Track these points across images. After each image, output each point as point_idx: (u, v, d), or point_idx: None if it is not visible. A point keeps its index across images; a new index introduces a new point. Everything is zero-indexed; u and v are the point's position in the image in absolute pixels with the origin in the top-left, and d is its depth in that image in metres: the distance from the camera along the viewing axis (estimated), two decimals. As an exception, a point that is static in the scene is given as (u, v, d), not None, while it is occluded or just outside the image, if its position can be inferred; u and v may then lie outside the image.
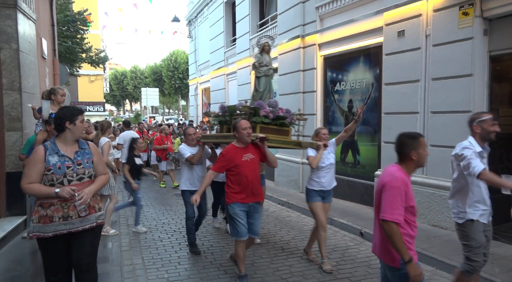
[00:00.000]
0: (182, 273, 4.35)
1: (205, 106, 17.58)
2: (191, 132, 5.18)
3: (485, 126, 3.20)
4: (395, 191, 2.33)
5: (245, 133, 3.88)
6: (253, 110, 4.58)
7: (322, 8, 8.12)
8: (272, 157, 4.11)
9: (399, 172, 2.41)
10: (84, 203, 2.76)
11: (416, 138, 2.46)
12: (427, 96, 5.84)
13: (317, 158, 4.36)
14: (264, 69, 5.02)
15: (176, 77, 37.44)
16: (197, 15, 17.65)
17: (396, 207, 2.31)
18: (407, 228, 2.37)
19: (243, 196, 3.90)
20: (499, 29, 5.13)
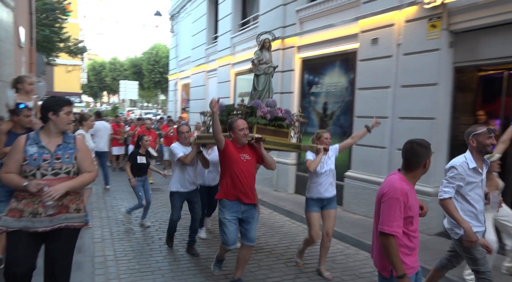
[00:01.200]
0: (153, 265, 4.47)
1: (184, 102, 17.57)
2: (184, 130, 4.90)
3: (480, 139, 3.11)
4: (394, 203, 2.29)
5: (241, 134, 3.71)
6: (250, 109, 4.32)
7: (302, 12, 8.34)
8: (270, 159, 3.91)
9: (399, 182, 2.36)
10: (51, 199, 2.51)
11: (428, 147, 2.40)
12: (396, 102, 6.15)
13: (316, 162, 4.10)
14: (264, 66, 4.75)
15: (157, 71, 36.99)
16: (180, 10, 17.59)
17: (394, 219, 2.28)
18: (404, 239, 2.34)
19: (234, 193, 3.69)
20: (463, 42, 5.47)
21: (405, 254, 2.34)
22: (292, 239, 5.64)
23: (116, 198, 7.85)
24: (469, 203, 3.13)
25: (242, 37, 11.12)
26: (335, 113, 7.72)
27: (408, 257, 2.35)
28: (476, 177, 3.12)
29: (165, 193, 8.37)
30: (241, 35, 11.19)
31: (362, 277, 4.33)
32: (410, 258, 2.37)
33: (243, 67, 11.12)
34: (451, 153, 5.59)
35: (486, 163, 3.21)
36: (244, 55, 10.86)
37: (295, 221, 6.62)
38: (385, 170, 6.28)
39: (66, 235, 2.71)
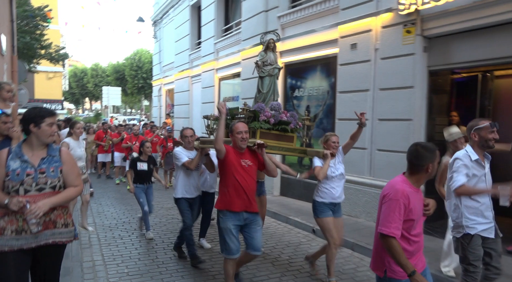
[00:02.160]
0: (142, 268, 4.54)
1: (169, 107, 17.58)
2: (188, 134, 4.70)
3: (482, 133, 3.08)
4: (393, 204, 2.28)
5: (239, 138, 3.51)
6: (253, 113, 4.09)
7: (283, 18, 8.55)
8: (272, 166, 3.72)
9: (401, 184, 2.34)
10: (35, 217, 2.37)
11: (433, 151, 2.35)
12: (375, 104, 6.38)
13: (324, 169, 3.94)
14: (268, 68, 4.53)
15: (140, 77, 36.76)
16: (162, 16, 17.64)
17: (393, 221, 2.27)
18: (403, 243, 2.31)
19: (236, 203, 3.49)
20: (437, 47, 5.74)
21: None
22: (278, 239, 5.78)
23: (102, 205, 7.84)
24: (472, 199, 3.09)
25: (226, 42, 11.27)
26: (317, 116, 7.93)
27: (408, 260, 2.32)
28: (480, 170, 3.09)
29: (151, 198, 8.41)
30: (224, 41, 11.34)
31: (345, 273, 4.50)
32: (410, 260, 2.32)
33: (227, 72, 11.27)
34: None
35: (487, 157, 3.17)
36: (227, 61, 11.01)
37: (280, 222, 6.77)
38: (367, 170, 6.50)
39: (53, 251, 2.60)
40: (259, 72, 4.61)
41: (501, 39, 4.97)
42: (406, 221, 2.30)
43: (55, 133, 2.65)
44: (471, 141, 3.14)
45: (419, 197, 2.39)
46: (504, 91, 6.35)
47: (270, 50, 4.68)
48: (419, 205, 2.36)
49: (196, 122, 13.39)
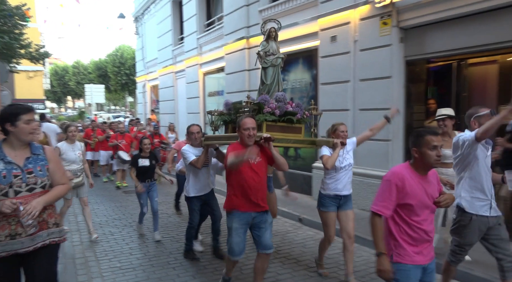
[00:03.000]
0: (134, 262, 4.66)
1: (154, 103, 17.53)
2: (194, 130, 4.60)
3: (482, 121, 3.08)
4: (384, 184, 2.34)
5: (246, 134, 3.37)
6: (257, 105, 3.96)
7: (264, 12, 8.65)
8: (281, 159, 3.52)
9: (400, 167, 2.39)
10: (31, 217, 2.31)
11: (420, 136, 2.33)
12: (355, 95, 6.58)
13: (333, 158, 3.78)
14: (271, 58, 4.38)
15: (123, 73, 36.38)
16: (144, 12, 17.49)
17: (381, 199, 2.32)
18: (405, 227, 2.33)
19: (244, 204, 3.40)
20: (412, 37, 5.95)
21: (407, 243, 2.33)
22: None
23: (91, 202, 7.87)
24: (474, 180, 3.09)
25: (209, 37, 11.31)
26: (301, 108, 8.09)
27: (410, 246, 2.34)
28: (484, 151, 3.09)
29: (140, 194, 8.49)
30: (207, 36, 11.38)
31: (330, 257, 4.70)
32: (413, 248, 2.33)
33: (211, 67, 11.33)
34: (407, 140, 6.06)
35: (489, 142, 3.15)
36: (211, 55, 11.07)
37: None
38: (349, 159, 6.70)
39: (48, 252, 2.51)
40: (262, 63, 4.44)
41: (473, 29, 5.19)
42: (403, 205, 2.30)
43: (36, 130, 2.53)
44: (471, 129, 3.13)
45: (424, 184, 2.34)
46: (477, 79, 6.60)
47: (272, 39, 4.47)
48: (423, 192, 2.32)
49: (182, 117, 13.46)
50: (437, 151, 2.28)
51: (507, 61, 6.18)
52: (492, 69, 6.38)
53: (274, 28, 4.51)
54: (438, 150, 2.28)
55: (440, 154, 2.29)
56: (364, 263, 4.55)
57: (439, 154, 2.28)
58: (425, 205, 2.33)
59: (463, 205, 3.12)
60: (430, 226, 2.38)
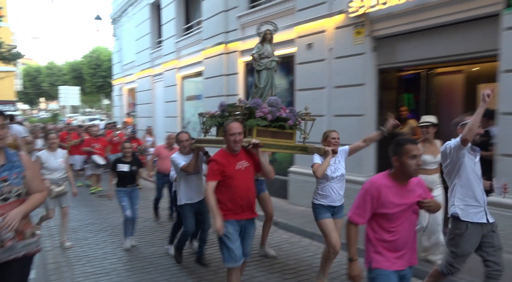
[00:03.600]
0: (108, 267, 4.62)
1: (131, 107, 17.32)
2: (183, 138, 4.54)
3: None
4: (361, 193, 2.37)
5: (231, 140, 3.25)
6: (248, 110, 3.84)
7: (243, 18, 8.75)
8: (268, 167, 3.45)
9: (378, 176, 2.41)
10: (11, 230, 2.22)
11: (399, 145, 2.33)
12: (331, 101, 6.75)
13: (323, 166, 3.68)
14: (265, 61, 4.27)
15: (99, 75, 35.64)
16: (121, 14, 17.30)
17: (357, 207, 2.37)
18: (380, 233, 2.35)
19: (234, 212, 3.28)
20: (384, 47, 6.17)
21: (386, 249, 2.36)
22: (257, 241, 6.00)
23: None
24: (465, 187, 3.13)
25: (187, 41, 11.32)
26: (278, 113, 8.21)
27: (389, 252, 2.35)
28: (471, 158, 3.15)
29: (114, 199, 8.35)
30: (186, 40, 11.39)
31: (304, 260, 4.81)
32: (393, 253, 2.35)
33: (189, 71, 11.34)
34: (379, 146, 6.27)
35: (476, 150, 3.21)
36: (189, 59, 11.08)
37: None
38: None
39: (21, 264, 2.40)
40: (256, 66, 4.33)
41: (440, 40, 5.45)
42: (379, 214, 2.32)
43: (5, 135, 2.40)
44: (457, 136, 3.16)
45: (403, 193, 2.34)
46: (445, 87, 6.91)
47: (267, 42, 4.37)
48: (401, 201, 2.32)
49: (159, 121, 13.37)
50: (417, 160, 2.29)
51: (472, 71, 6.51)
52: (458, 78, 6.71)
53: (269, 31, 4.41)
54: (418, 159, 2.30)
55: (419, 163, 2.31)
56: (336, 265, 4.66)
57: (419, 163, 2.30)
58: (403, 214, 2.33)
59: (457, 213, 3.12)
60: (411, 230, 2.39)
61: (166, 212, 6.79)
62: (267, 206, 4.91)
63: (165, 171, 6.30)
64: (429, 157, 4.18)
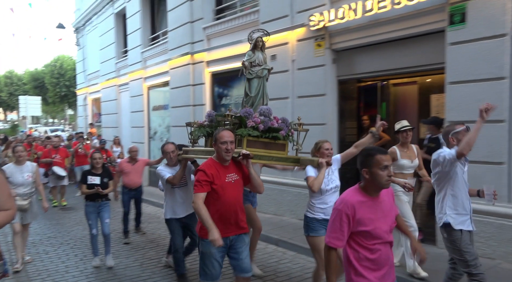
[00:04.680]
0: (70, 280, 4.53)
1: (96, 117, 16.94)
2: (169, 149, 4.36)
3: (460, 137, 3.17)
4: (334, 213, 2.21)
5: (223, 148, 3.05)
6: (238, 119, 3.67)
7: (208, 29, 8.88)
8: (258, 180, 3.27)
9: (349, 193, 2.25)
10: None
11: (369, 156, 2.20)
12: (294, 111, 6.97)
13: (319, 180, 3.50)
14: (257, 69, 4.15)
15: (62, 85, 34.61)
16: (85, 23, 16.99)
17: (333, 230, 2.19)
18: (363, 252, 2.19)
19: (222, 228, 2.99)
20: (343, 59, 6.48)
21: (368, 269, 2.18)
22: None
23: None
24: (455, 196, 3.18)
25: (153, 51, 11.30)
26: (244, 122, 8.36)
27: (372, 272, 2.18)
28: (461, 167, 3.20)
29: (78, 211, 8.17)
30: (152, 50, 11.36)
31: (269, 266, 4.92)
32: (375, 273, 2.18)
33: (155, 81, 11.29)
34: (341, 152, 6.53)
35: (466, 159, 3.24)
36: (156, 70, 11.05)
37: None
38: (290, 171, 7.04)
39: None
40: (246, 74, 4.18)
41: (393, 53, 5.80)
42: (358, 232, 2.17)
43: None
44: (450, 145, 3.22)
45: (377, 205, 2.22)
46: (400, 97, 7.33)
47: (259, 50, 4.24)
48: (377, 215, 2.20)
49: (125, 131, 13.16)
50: (388, 171, 2.17)
51: (425, 82, 6.95)
52: (412, 89, 7.13)
53: (261, 38, 4.26)
54: (389, 170, 2.18)
55: (391, 173, 2.21)
56: (300, 269, 4.81)
57: (390, 173, 2.20)
58: (381, 228, 2.20)
59: (450, 223, 3.15)
60: (389, 248, 2.27)
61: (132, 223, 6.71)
62: (255, 221, 4.56)
63: (131, 186, 6.19)
64: (407, 162, 4.25)
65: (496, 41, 4.48)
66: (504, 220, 4.49)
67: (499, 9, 4.44)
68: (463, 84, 4.79)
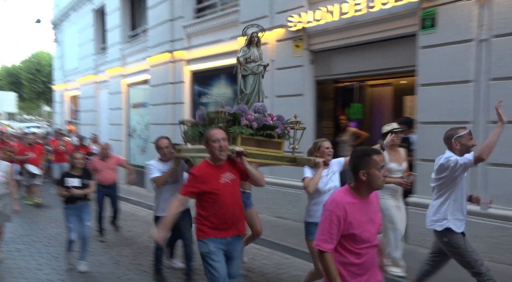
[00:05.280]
0: (42, 277, 4.48)
1: (73, 114, 16.63)
2: (163, 145, 4.21)
3: (463, 141, 3.13)
4: (325, 215, 2.13)
5: (216, 147, 2.95)
6: (232, 116, 3.56)
7: (189, 28, 8.88)
8: (257, 174, 3.15)
9: (340, 194, 2.18)
10: None
11: (366, 155, 2.12)
12: (273, 110, 6.99)
13: (315, 180, 3.39)
14: (252, 65, 4.04)
15: (39, 80, 33.78)
16: (63, 19, 16.66)
17: (323, 233, 2.12)
18: (348, 256, 2.13)
19: (220, 230, 2.96)
20: (321, 60, 6.61)
21: (353, 274, 2.13)
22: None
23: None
24: (457, 201, 3.16)
25: (133, 49, 11.19)
26: (223, 121, 8.40)
27: (356, 277, 2.14)
28: (464, 174, 3.18)
29: (53, 209, 8.05)
30: (132, 47, 11.25)
31: (243, 262, 4.97)
32: (359, 278, 2.14)
33: (135, 78, 11.19)
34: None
35: None
36: (135, 67, 10.96)
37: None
38: (267, 169, 7.11)
39: None
40: (241, 70, 4.07)
41: (369, 55, 5.96)
42: (347, 235, 2.11)
43: None
44: (452, 149, 3.18)
45: (366, 207, 2.18)
46: (376, 98, 7.52)
47: (254, 45, 4.11)
48: (366, 217, 2.15)
49: (104, 129, 12.98)
50: (384, 171, 2.15)
51: (399, 84, 7.16)
52: (387, 90, 7.33)
53: (256, 33, 4.13)
54: (384, 170, 2.15)
55: (386, 174, 2.19)
56: (274, 266, 4.89)
57: (385, 174, 2.18)
58: (370, 231, 2.15)
59: (451, 227, 3.11)
60: (376, 251, 2.23)
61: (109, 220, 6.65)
62: (255, 223, 4.42)
63: (104, 183, 6.09)
64: (395, 165, 4.13)
65: (463, 46, 4.68)
66: (469, 217, 4.66)
67: (466, 16, 4.65)
68: (433, 86, 4.98)
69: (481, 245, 4.51)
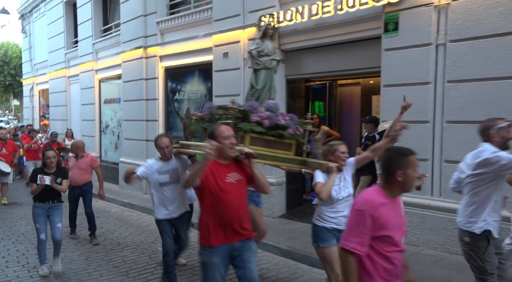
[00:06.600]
0: (10, 274, 4.48)
1: (43, 108, 16.21)
2: (163, 144, 3.83)
3: (503, 133, 2.87)
4: (356, 215, 2.02)
5: (227, 144, 2.75)
6: (242, 113, 3.35)
7: (162, 24, 8.86)
8: (263, 179, 2.93)
9: (372, 194, 2.06)
10: None
11: (405, 156, 2.03)
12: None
13: (328, 187, 3.14)
14: (265, 59, 3.81)
15: (7, 73, 32.50)
16: (32, 10, 16.13)
17: (355, 235, 1.99)
18: (380, 261, 2.01)
19: (224, 235, 2.75)
20: (292, 59, 6.78)
21: (383, 280, 2.02)
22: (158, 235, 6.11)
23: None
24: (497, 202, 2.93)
25: (105, 43, 11.04)
26: (197, 118, 8.46)
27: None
28: None
29: (23, 206, 7.92)
30: (104, 42, 11.09)
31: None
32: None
33: (107, 74, 11.05)
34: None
35: None
36: (108, 62, 10.82)
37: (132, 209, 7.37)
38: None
39: None
40: (253, 64, 3.83)
41: (337, 56, 6.17)
42: (378, 237, 1.99)
43: None
44: (490, 140, 2.90)
45: (396, 209, 2.10)
46: (346, 97, 7.80)
47: (268, 38, 3.89)
48: (396, 218, 2.06)
49: (75, 124, 12.76)
50: (417, 172, 2.07)
51: (367, 84, 7.45)
52: (356, 89, 7.62)
53: (271, 25, 3.91)
54: (417, 171, 2.07)
55: (418, 175, 2.10)
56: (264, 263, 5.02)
57: (418, 175, 2.09)
58: (398, 234, 2.06)
59: (491, 231, 2.85)
60: (402, 257, 2.12)
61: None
62: (259, 223, 4.17)
63: (78, 183, 5.75)
64: None
65: (423, 49, 4.95)
66: (426, 211, 4.99)
67: (426, 21, 4.91)
68: (395, 87, 5.24)
69: (437, 237, 4.84)
